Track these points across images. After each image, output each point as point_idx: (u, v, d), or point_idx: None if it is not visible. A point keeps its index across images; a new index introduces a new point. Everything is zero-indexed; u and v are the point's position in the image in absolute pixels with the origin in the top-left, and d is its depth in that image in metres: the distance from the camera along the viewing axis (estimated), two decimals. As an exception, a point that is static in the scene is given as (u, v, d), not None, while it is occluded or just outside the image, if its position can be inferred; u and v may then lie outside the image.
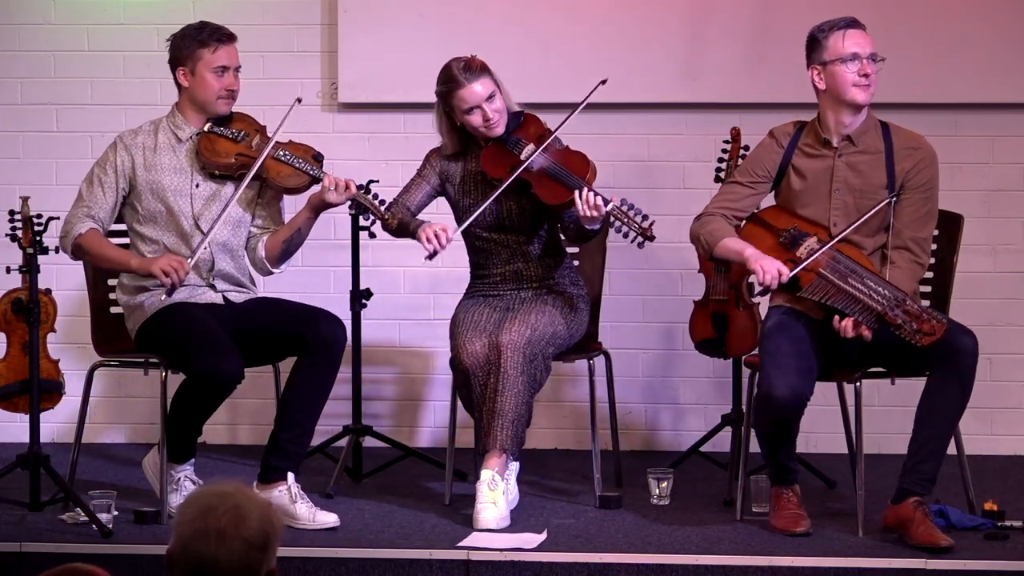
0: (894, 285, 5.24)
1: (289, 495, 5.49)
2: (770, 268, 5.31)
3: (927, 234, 5.48)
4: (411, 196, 5.84)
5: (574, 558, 5.18)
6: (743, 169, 5.59)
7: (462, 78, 5.66)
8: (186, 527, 2.93)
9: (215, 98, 5.66)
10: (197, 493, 3.01)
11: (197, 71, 5.64)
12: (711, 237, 5.48)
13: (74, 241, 5.60)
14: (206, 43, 5.63)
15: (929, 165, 5.46)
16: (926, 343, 5.13)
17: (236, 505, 2.93)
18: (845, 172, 5.44)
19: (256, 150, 5.66)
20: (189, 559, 2.91)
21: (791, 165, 5.49)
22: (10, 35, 6.92)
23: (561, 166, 5.65)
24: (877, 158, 5.44)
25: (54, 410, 5.96)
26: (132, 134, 5.73)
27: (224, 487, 2.98)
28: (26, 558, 5.25)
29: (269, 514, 2.97)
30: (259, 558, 2.93)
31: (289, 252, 5.76)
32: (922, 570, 5.07)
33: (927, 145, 5.50)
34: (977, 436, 6.26)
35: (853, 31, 5.41)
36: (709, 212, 5.54)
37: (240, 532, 2.91)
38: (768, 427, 5.34)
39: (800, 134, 5.51)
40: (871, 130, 5.47)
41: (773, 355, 5.28)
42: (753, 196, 5.55)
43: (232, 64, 5.67)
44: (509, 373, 5.49)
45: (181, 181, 5.67)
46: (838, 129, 5.44)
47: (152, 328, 5.59)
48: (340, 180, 5.60)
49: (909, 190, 5.43)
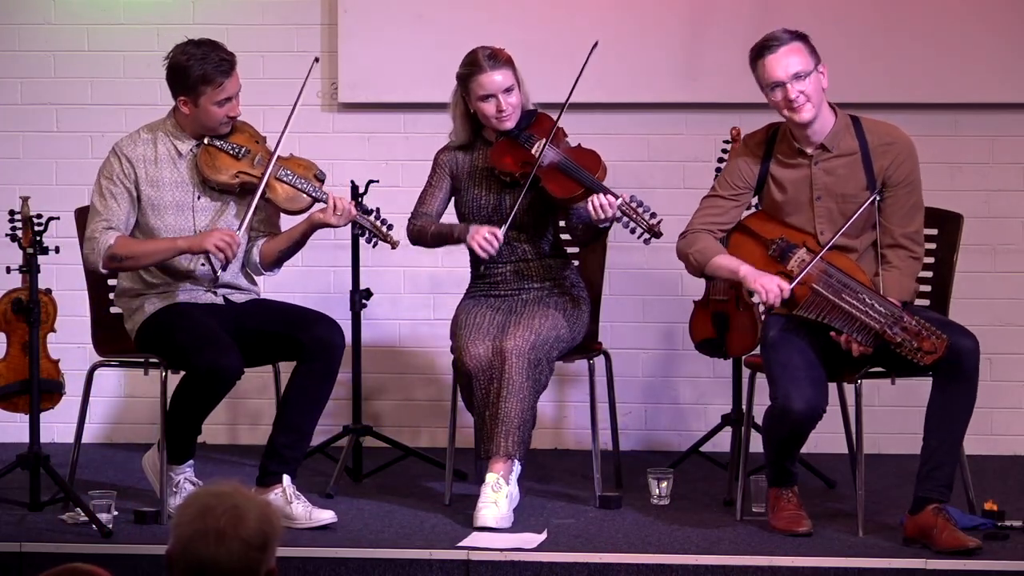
0: (889, 300, 5.21)
1: (285, 496, 5.49)
2: (771, 287, 5.28)
3: (917, 227, 5.44)
4: (429, 204, 5.84)
5: (574, 558, 5.18)
6: (723, 182, 5.54)
7: (485, 64, 5.68)
8: (185, 528, 2.93)
9: (218, 125, 5.61)
10: (195, 494, 3.01)
11: (200, 104, 5.54)
12: (701, 256, 5.45)
13: (106, 253, 5.51)
14: (211, 80, 5.50)
15: (907, 158, 5.39)
16: (928, 362, 5.11)
17: (235, 505, 2.93)
18: (824, 179, 5.39)
19: (258, 167, 5.62)
20: (188, 559, 2.91)
21: (770, 175, 5.46)
22: (10, 35, 6.92)
23: (572, 160, 5.67)
24: (854, 159, 5.39)
25: (54, 410, 5.96)
26: (131, 144, 5.64)
27: (222, 487, 2.98)
28: (26, 558, 5.25)
29: (268, 514, 2.97)
30: (258, 558, 2.93)
31: (284, 259, 5.75)
32: (922, 570, 5.07)
33: (902, 137, 5.43)
34: (977, 436, 6.24)
35: (770, 58, 5.30)
36: (694, 229, 5.50)
37: (239, 532, 2.91)
38: (782, 439, 5.33)
39: (775, 141, 5.47)
40: (843, 131, 5.40)
41: (785, 367, 5.25)
42: (736, 208, 5.51)
43: (236, 91, 5.59)
44: (514, 379, 5.49)
45: (183, 195, 5.64)
46: (808, 139, 5.41)
47: (152, 328, 5.59)
48: (341, 203, 5.58)
49: (891, 187, 5.38)
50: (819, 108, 5.34)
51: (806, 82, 5.30)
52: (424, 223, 5.80)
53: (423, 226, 5.79)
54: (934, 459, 5.27)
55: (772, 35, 5.36)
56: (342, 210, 5.58)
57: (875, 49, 6.54)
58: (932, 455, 5.28)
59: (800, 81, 5.30)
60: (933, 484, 5.24)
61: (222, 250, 5.45)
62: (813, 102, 5.31)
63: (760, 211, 5.55)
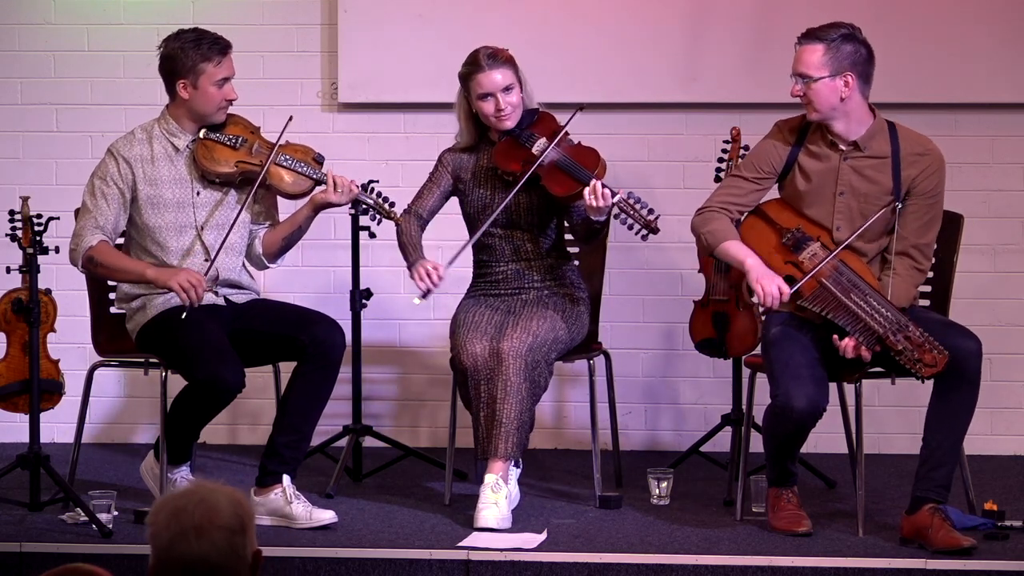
0: (896, 307, 5.21)
1: (284, 496, 5.49)
2: (770, 289, 5.28)
3: (929, 240, 5.46)
4: (423, 202, 5.85)
5: (574, 558, 5.18)
6: (748, 163, 5.56)
7: (484, 63, 5.69)
8: (162, 535, 2.92)
9: (216, 109, 5.63)
10: (160, 503, 2.99)
11: (200, 84, 5.57)
12: (712, 238, 5.46)
13: (84, 254, 5.54)
14: (209, 57, 5.56)
15: (936, 171, 5.42)
16: (927, 374, 5.12)
17: (202, 499, 2.94)
18: (850, 176, 5.41)
19: (256, 156, 5.64)
20: (174, 564, 2.91)
21: (797, 163, 5.47)
22: (10, 35, 6.92)
23: (572, 159, 5.67)
24: (883, 163, 5.41)
25: (54, 410, 5.95)
26: (127, 144, 5.66)
27: (183, 488, 2.99)
28: (26, 558, 5.25)
29: (237, 498, 2.98)
30: (241, 542, 2.93)
31: (287, 248, 5.76)
32: (922, 570, 5.07)
33: (935, 150, 5.45)
34: (977, 436, 6.24)
35: (797, 49, 5.41)
36: (711, 207, 5.51)
37: (215, 521, 2.91)
38: (783, 437, 5.33)
39: (808, 131, 5.48)
40: (878, 134, 5.42)
41: (786, 365, 5.25)
42: (757, 191, 5.52)
43: (232, 74, 5.63)
44: (512, 380, 5.49)
45: (182, 192, 5.65)
46: (843, 134, 5.42)
47: (154, 332, 5.58)
48: (342, 180, 5.61)
49: (915, 196, 5.40)
50: (829, 112, 5.35)
51: (803, 85, 5.35)
52: (406, 226, 5.79)
53: (402, 229, 5.79)
54: (933, 459, 5.27)
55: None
56: (343, 187, 5.60)
57: (875, 49, 6.52)
58: (931, 455, 5.27)
59: (801, 82, 5.36)
60: (931, 484, 5.24)
61: (186, 291, 5.43)
62: (812, 105, 5.33)
63: (779, 199, 5.55)
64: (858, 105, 5.37)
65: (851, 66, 5.34)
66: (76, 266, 5.62)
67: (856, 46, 5.36)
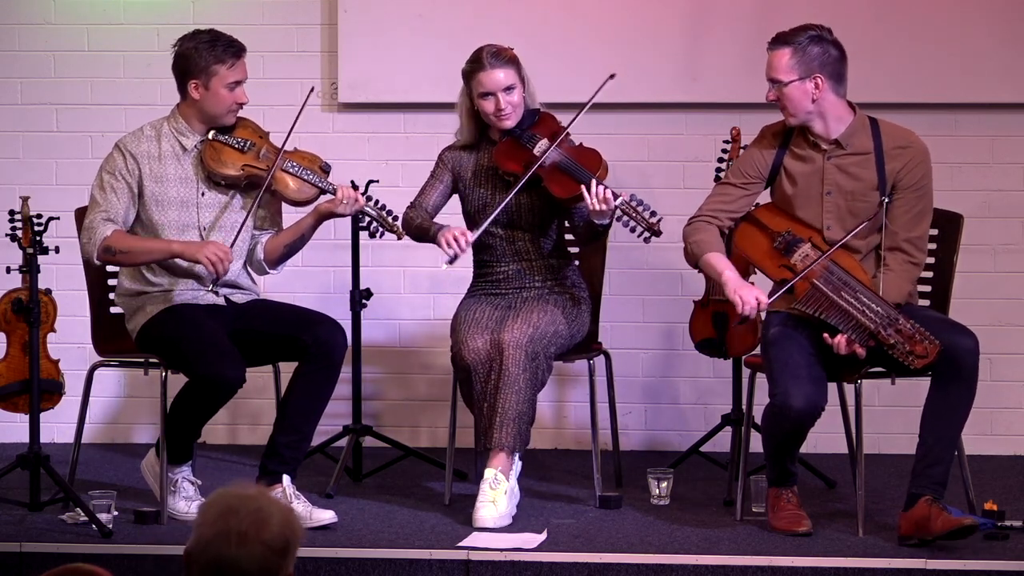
0: (887, 302, 5.22)
1: (285, 496, 5.48)
2: (748, 299, 5.31)
3: (921, 232, 5.46)
4: (427, 198, 5.85)
5: (574, 558, 5.18)
6: (735, 170, 5.59)
7: (487, 61, 5.69)
8: (207, 528, 2.92)
9: (226, 112, 5.63)
10: (219, 494, 2.98)
11: (212, 86, 5.57)
12: (697, 248, 5.49)
13: (100, 245, 5.52)
14: (222, 59, 5.55)
15: (920, 163, 5.43)
16: (918, 366, 5.13)
17: (259, 508, 2.92)
18: (835, 175, 5.42)
19: (263, 160, 5.63)
20: (209, 559, 2.90)
21: (783, 167, 5.49)
22: (10, 35, 6.92)
23: (573, 160, 5.67)
24: (867, 159, 5.42)
25: (54, 410, 5.96)
26: (135, 140, 5.65)
27: (247, 490, 2.97)
28: (26, 558, 5.25)
29: (291, 519, 2.95)
30: (278, 563, 2.91)
31: (288, 255, 5.76)
32: (922, 570, 5.07)
33: (917, 142, 5.47)
34: (977, 436, 6.25)
35: (768, 54, 5.45)
36: (702, 216, 5.54)
37: (261, 535, 2.90)
38: (782, 436, 5.33)
39: (792, 134, 5.50)
40: (859, 131, 5.44)
41: (785, 365, 5.26)
42: (747, 197, 5.55)
43: (245, 78, 5.62)
44: (511, 371, 5.49)
45: (187, 191, 5.65)
46: (823, 134, 5.43)
47: (154, 330, 5.58)
48: (350, 192, 5.60)
49: (901, 190, 5.41)
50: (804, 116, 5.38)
51: (776, 91, 5.40)
52: (413, 214, 5.80)
53: (411, 217, 5.80)
54: (930, 456, 5.28)
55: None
56: (350, 199, 5.59)
57: (875, 49, 6.53)
58: (928, 452, 5.28)
59: (773, 87, 5.41)
60: (928, 481, 5.25)
61: (214, 264, 5.44)
62: (788, 110, 5.38)
63: (770, 203, 5.57)
64: (833, 104, 5.39)
65: (820, 67, 5.36)
66: (91, 260, 5.57)
67: (824, 47, 5.38)
